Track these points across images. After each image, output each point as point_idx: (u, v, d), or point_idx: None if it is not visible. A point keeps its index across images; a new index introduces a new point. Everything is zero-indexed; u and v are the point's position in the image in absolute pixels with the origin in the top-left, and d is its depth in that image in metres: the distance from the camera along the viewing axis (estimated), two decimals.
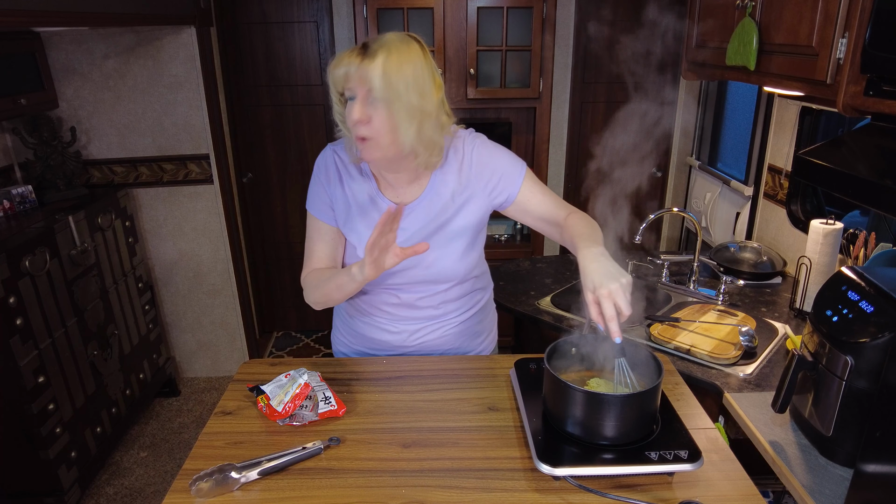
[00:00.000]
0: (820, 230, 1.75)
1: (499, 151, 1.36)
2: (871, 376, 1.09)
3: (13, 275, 2.00)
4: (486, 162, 1.33)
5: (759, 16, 1.62)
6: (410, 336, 1.44)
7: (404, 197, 1.33)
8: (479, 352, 1.55)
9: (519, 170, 1.35)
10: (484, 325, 1.55)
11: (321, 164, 1.37)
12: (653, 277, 2.16)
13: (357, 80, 1.14)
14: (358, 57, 1.14)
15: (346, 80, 1.16)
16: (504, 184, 1.34)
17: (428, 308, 1.41)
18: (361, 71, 1.13)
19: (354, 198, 1.33)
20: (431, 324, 1.44)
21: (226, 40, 3.17)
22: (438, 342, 1.46)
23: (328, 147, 1.37)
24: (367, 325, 1.46)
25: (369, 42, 1.15)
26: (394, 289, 1.38)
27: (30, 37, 2.52)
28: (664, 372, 1.10)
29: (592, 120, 3.33)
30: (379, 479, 1.04)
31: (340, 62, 1.16)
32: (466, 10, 2.73)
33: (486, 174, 1.33)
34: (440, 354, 1.48)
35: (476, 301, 1.49)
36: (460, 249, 1.35)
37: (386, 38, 1.16)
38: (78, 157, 2.69)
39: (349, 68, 1.14)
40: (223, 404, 1.27)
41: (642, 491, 1.01)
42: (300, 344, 3.68)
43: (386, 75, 1.12)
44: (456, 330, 1.46)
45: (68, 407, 2.27)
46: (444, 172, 1.33)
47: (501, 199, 1.35)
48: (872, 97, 1.21)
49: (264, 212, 3.53)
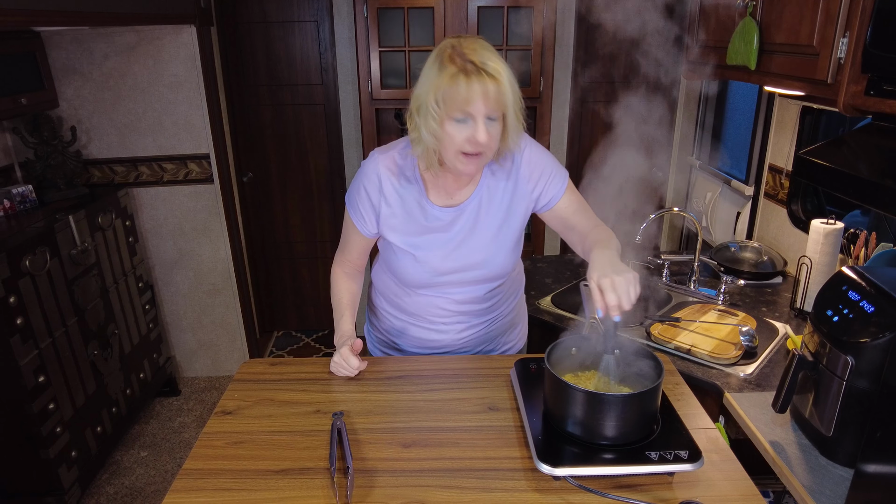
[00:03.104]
0: (820, 230, 1.75)
1: (547, 156, 1.38)
2: (871, 376, 1.09)
3: (13, 274, 2.00)
4: (535, 165, 1.35)
5: (759, 15, 1.62)
6: (458, 334, 1.47)
7: (454, 199, 1.34)
8: (515, 343, 1.60)
9: (563, 176, 1.37)
10: (520, 315, 1.61)
11: (371, 174, 1.32)
12: (653, 277, 2.16)
13: (489, 104, 1.13)
14: (478, 80, 1.11)
15: (466, 103, 1.13)
16: (549, 188, 1.36)
17: (476, 304, 1.44)
18: (493, 94, 1.12)
19: (403, 204, 1.33)
20: (479, 320, 1.47)
21: (226, 40, 3.17)
22: (482, 337, 1.50)
23: (375, 155, 1.34)
24: (417, 326, 1.48)
25: (473, 60, 1.12)
26: (447, 291, 1.41)
27: (30, 36, 2.51)
28: (664, 372, 1.10)
29: (593, 120, 3.33)
30: (379, 478, 1.04)
31: (460, 87, 1.11)
32: (467, 9, 2.73)
33: (535, 176, 1.35)
34: (480, 350, 1.52)
35: (515, 291, 1.54)
36: (509, 247, 1.37)
37: (483, 53, 1.13)
38: (78, 157, 2.69)
39: (472, 93, 1.11)
40: (223, 404, 1.27)
41: (642, 491, 1.01)
42: (300, 343, 3.68)
43: (513, 93, 1.15)
44: (499, 324, 1.51)
45: (68, 406, 2.27)
46: (493, 172, 1.34)
47: (543, 202, 1.37)
48: (873, 97, 1.21)
49: (265, 211, 3.53)
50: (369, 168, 1.33)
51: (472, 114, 1.14)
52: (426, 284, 1.39)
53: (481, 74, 1.11)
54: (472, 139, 1.16)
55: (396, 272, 1.40)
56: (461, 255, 1.35)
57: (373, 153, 1.34)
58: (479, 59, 1.12)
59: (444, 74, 1.12)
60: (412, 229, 1.34)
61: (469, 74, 1.11)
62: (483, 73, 1.11)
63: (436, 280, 1.37)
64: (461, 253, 1.34)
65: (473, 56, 1.12)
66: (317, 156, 3.42)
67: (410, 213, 1.33)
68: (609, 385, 1.14)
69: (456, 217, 1.33)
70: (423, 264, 1.35)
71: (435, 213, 1.33)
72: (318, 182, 3.47)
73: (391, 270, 1.42)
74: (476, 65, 1.11)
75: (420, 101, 1.18)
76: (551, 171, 1.36)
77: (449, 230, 1.33)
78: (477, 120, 1.14)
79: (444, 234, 1.33)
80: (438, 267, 1.35)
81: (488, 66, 1.12)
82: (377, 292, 1.54)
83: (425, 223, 1.33)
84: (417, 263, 1.35)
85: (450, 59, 1.13)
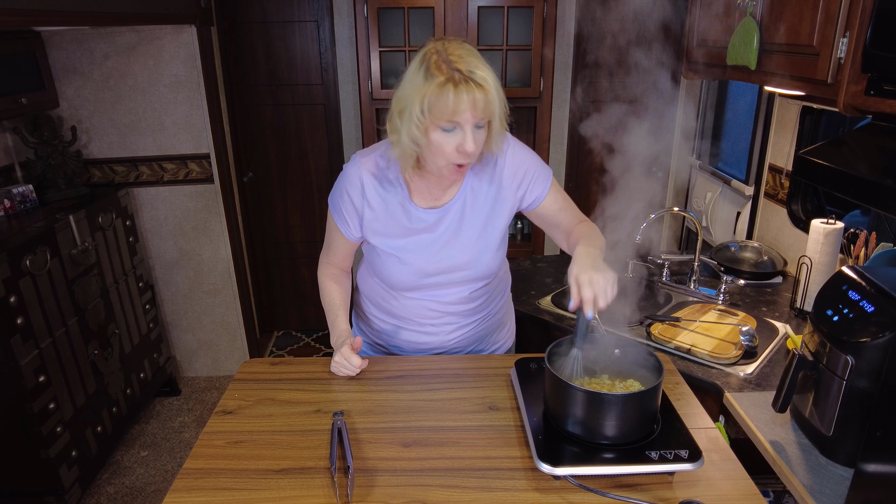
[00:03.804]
0: (820, 230, 1.75)
1: (530, 155, 1.38)
2: (871, 376, 1.09)
3: (14, 274, 2.00)
4: (519, 164, 1.35)
5: (759, 15, 1.62)
6: (448, 335, 1.47)
7: (438, 200, 1.34)
8: (505, 342, 1.61)
9: (547, 175, 1.38)
10: (508, 315, 1.61)
11: (353, 177, 1.32)
12: (653, 277, 2.16)
13: (477, 113, 1.13)
14: (466, 89, 1.10)
15: (454, 113, 1.12)
16: (533, 187, 1.36)
17: (464, 305, 1.44)
18: (481, 104, 1.12)
19: (386, 207, 1.33)
20: (468, 320, 1.47)
21: (226, 40, 3.17)
22: (473, 337, 1.50)
23: (357, 158, 1.33)
24: (407, 329, 1.48)
25: (461, 68, 1.11)
26: (434, 293, 1.41)
27: (30, 36, 2.52)
28: (664, 371, 1.10)
29: (592, 119, 3.33)
30: (379, 478, 1.04)
31: (448, 98, 1.10)
32: (467, 9, 2.73)
33: (519, 176, 1.35)
34: (471, 350, 1.52)
35: (502, 291, 1.54)
36: (494, 247, 1.38)
37: (470, 60, 1.12)
38: (78, 157, 2.69)
39: (461, 103, 1.10)
40: (224, 404, 1.27)
41: (643, 490, 1.01)
42: (301, 343, 3.68)
43: (500, 100, 1.15)
44: (488, 323, 1.51)
45: (69, 406, 2.27)
46: (477, 173, 1.34)
47: (528, 201, 1.38)
48: (873, 97, 1.21)
49: (265, 211, 3.53)
50: (351, 171, 1.32)
51: (461, 123, 1.14)
52: (413, 287, 1.39)
53: (469, 84, 1.10)
54: (460, 148, 1.16)
55: (382, 276, 1.40)
56: (446, 255, 1.34)
57: (354, 156, 1.34)
58: (465, 67, 1.11)
59: (432, 83, 1.11)
60: (396, 232, 1.33)
61: (457, 84, 1.10)
62: (471, 82, 1.11)
63: (422, 282, 1.37)
64: (446, 254, 1.34)
65: (460, 64, 1.11)
66: (317, 156, 3.42)
67: (394, 216, 1.33)
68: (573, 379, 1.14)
69: (440, 218, 1.33)
70: (408, 266, 1.35)
71: (419, 215, 1.32)
72: (318, 182, 3.47)
73: (377, 274, 1.42)
74: (463, 73, 1.11)
75: (403, 105, 1.16)
76: (535, 171, 1.36)
77: (433, 231, 1.33)
78: (465, 129, 1.14)
79: (429, 234, 1.33)
80: (424, 268, 1.35)
81: (476, 75, 1.11)
82: (364, 297, 1.54)
83: (409, 225, 1.33)
84: (402, 266, 1.35)
85: (436, 66, 1.12)
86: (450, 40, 1.17)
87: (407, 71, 1.18)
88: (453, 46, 1.14)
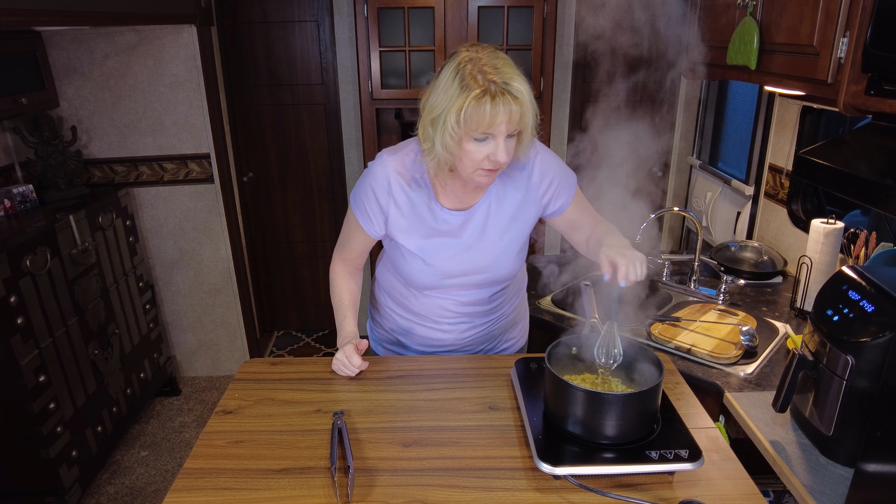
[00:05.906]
0: (821, 229, 1.75)
1: (557, 162, 1.38)
2: (871, 376, 1.09)
3: (14, 274, 2.00)
4: (546, 171, 1.35)
5: (759, 15, 1.62)
6: (462, 333, 1.47)
7: (464, 203, 1.34)
8: (518, 340, 1.61)
9: (572, 183, 1.38)
10: (522, 313, 1.62)
11: (380, 176, 1.31)
12: (654, 277, 2.16)
13: (511, 125, 1.14)
14: (503, 102, 1.10)
15: (490, 126, 1.12)
16: (558, 195, 1.36)
17: (481, 306, 1.44)
18: (517, 116, 1.12)
19: (412, 207, 1.33)
20: (483, 320, 1.47)
21: (226, 39, 3.17)
22: (486, 335, 1.51)
23: (384, 157, 1.32)
24: (422, 325, 1.48)
25: (496, 80, 1.10)
26: (453, 293, 1.41)
27: (31, 36, 2.51)
28: (665, 371, 1.10)
29: (593, 119, 3.33)
30: (380, 478, 1.05)
31: (485, 111, 1.10)
32: (467, 9, 2.73)
33: (546, 183, 1.35)
34: (483, 347, 1.53)
35: (518, 291, 1.55)
36: (516, 251, 1.38)
37: (505, 71, 1.12)
38: (79, 157, 2.70)
39: (497, 116, 1.11)
40: (224, 403, 1.27)
41: (643, 490, 1.01)
42: (301, 343, 3.68)
43: (533, 111, 1.15)
44: (503, 322, 1.52)
45: (69, 406, 2.27)
46: (503, 178, 1.34)
47: (553, 208, 1.38)
48: (873, 96, 1.21)
49: (265, 211, 3.53)
50: (377, 169, 1.32)
51: (494, 134, 1.14)
52: (433, 286, 1.39)
53: (506, 96, 1.10)
54: (492, 157, 1.16)
55: (404, 274, 1.40)
56: (469, 258, 1.35)
57: (381, 154, 1.33)
58: (500, 78, 1.11)
59: (468, 95, 1.10)
60: (421, 232, 1.33)
61: (494, 97, 1.10)
62: (507, 94, 1.10)
63: (443, 283, 1.38)
64: (470, 256, 1.35)
65: (495, 76, 1.11)
66: (317, 156, 3.42)
67: (420, 216, 1.33)
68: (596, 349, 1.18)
69: (466, 220, 1.33)
70: (430, 267, 1.35)
71: (444, 216, 1.33)
72: (319, 182, 3.47)
73: (398, 271, 1.42)
74: (499, 86, 1.10)
75: (436, 114, 1.15)
76: (561, 179, 1.36)
77: (459, 234, 1.33)
78: (498, 140, 1.15)
79: (454, 238, 1.34)
80: (447, 270, 1.35)
81: (512, 88, 1.11)
82: (382, 290, 1.54)
83: (434, 226, 1.33)
84: (425, 266, 1.35)
85: (472, 77, 1.11)
86: (482, 47, 1.16)
87: (439, 78, 1.16)
88: (486, 55, 1.13)
